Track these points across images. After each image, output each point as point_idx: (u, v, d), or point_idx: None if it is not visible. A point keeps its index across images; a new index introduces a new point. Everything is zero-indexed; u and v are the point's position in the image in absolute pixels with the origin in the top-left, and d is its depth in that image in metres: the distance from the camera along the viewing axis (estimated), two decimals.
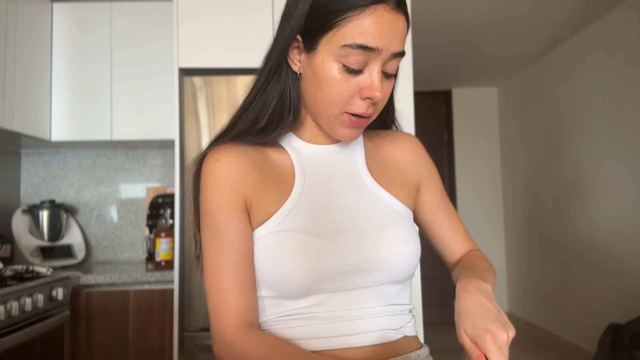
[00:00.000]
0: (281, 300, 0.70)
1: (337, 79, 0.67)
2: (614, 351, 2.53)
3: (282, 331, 0.70)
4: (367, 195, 0.76)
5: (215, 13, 2.11)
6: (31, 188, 2.66)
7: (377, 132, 0.87)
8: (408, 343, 0.75)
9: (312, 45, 0.69)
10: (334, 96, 0.68)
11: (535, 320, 3.99)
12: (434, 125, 4.67)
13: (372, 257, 0.70)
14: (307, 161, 0.77)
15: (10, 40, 2.06)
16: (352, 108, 0.69)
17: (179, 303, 2.01)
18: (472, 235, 4.83)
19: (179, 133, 2.08)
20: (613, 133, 2.97)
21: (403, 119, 0.91)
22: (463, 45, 3.47)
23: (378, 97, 0.67)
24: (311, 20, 0.68)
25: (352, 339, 0.69)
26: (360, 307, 0.71)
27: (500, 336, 0.59)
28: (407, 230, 0.75)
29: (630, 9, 2.78)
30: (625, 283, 2.86)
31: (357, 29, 0.64)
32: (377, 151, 0.83)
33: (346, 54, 0.65)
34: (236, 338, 0.66)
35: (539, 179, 3.88)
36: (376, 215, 0.74)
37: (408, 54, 2.02)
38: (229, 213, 0.70)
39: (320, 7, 0.66)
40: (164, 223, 2.40)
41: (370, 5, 0.64)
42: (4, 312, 1.55)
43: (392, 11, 0.65)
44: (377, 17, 0.64)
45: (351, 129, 0.71)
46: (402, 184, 0.81)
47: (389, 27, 0.65)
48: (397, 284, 0.74)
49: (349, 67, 0.66)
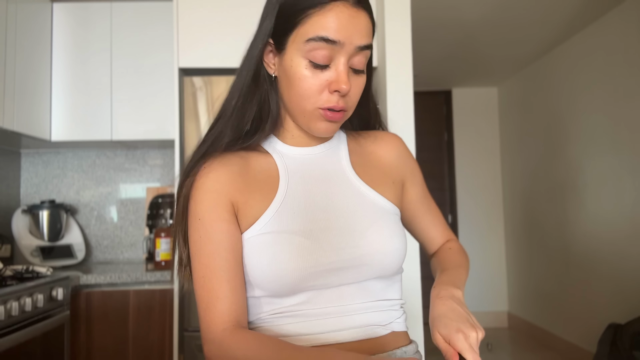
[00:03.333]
0: (272, 298, 0.72)
1: (305, 75, 0.71)
2: (614, 351, 2.53)
3: (273, 329, 0.72)
4: (352, 193, 0.78)
5: (215, 13, 2.11)
6: (31, 188, 2.66)
7: (360, 132, 0.89)
8: (396, 339, 0.76)
9: (281, 46, 0.73)
10: (303, 91, 0.71)
11: (535, 320, 3.99)
12: (434, 125, 4.67)
13: (356, 254, 0.72)
14: (291, 163, 0.79)
15: (10, 40, 2.06)
16: (323, 103, 0.72)
17: (179, 303, 2.01)
18: (472, 235, 4.82)
19: (179, 133, 2.08)
20: (613, 133, 2.97)
21: (402, 119, 0.91)
22: (463, 45, 3.47)
23: (345, 90, 0.70)
24: (279, 22, 0.73)
25: (340, 335, 0.71)
26: (347, 304, 0.73)
27: (470, 335, 0.64)
28: (392, 226, 0.77)
29: (630, 9, 2.78)
30: (625, 283, 2.86)
31: (319, 23, 0.68)
32: (362, 150, 0.86)
33: (311, 48, 0.69)
34: (225, 338, 0.67)
35: (539, 178, 3.88)
36: (361, 212, 0.76)
37: (408, 54, 2.02)
38: (218, 215, 0.72)
39: (287, 8, 0.71)
40: (164, 223, 2.40)
41: (329, 2, 0.68)
42: (4, 312, 1.55)
43: (352, 7, 0.69)
44: (337, 12, 0.68)
45: (326, 122, 0.74)
46: (387, 181, 0.83)
47: (350, 21, 0.69)
48: (383, 279, 0.76)
49: (315, 63, 0.70)
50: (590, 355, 3.14)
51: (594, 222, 3.17)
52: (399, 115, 1.88)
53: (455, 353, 0.63)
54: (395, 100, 1.91)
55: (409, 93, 2.01)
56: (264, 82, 0.77)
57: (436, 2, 2.75)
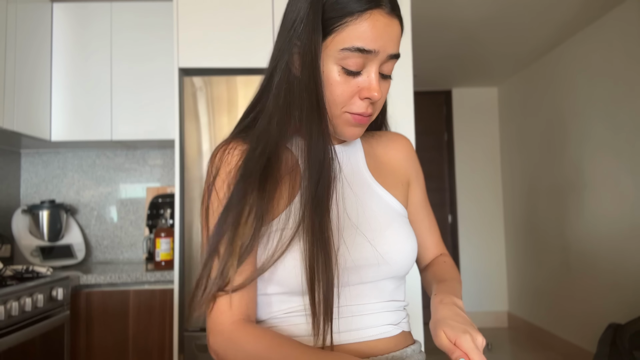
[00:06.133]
0: (288, 296, 0.72)
1: (337, 80, 0.70)
2: (614, 351, 2.53)
3: (287, 328, 0.72)
4: (370, 194, 0.79)
5: (215, 13, 2.11)
6: (31, 188, 2.66)
7: (371, 133, 0.90)
8: (405, 338, 0.78)
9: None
10: (335, 97, 0.71)
11: (535, 320, 3.99)
12: (434, 125, 4.67)
13: (374, 253, 0.73)
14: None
15: (10, 40, 2.06)
16: (353, 108, 0.72)
17: (179, 303, 2.01)
18: (472, 235, 4.81)
19: (179, 133, 2.08)
20: (613, 133, 2.97)
21: (402, 119, 0.92)
22: (463, 45, 3.47)
23: (376, 97, 0.70)
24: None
25: (357, 333, 0.72)
26: (363, 303, 0.73)
27: (477, 338, 0.64)
28: (406, 227, 0.79)
29: (630, 9, 2.78)
30: (625, 283, 2.86)
31: (355, 33, 0.68)
32: (374, 151, 0.86)
33: (345, 57, 0.69)
34: (234, 331, 0.67)
35: (539, 178, 3.88)
36: (378, 213, 0.77)
37: (408, 53, 2.02)
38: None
39: (323, 13, 0.70)
40: (164, 223, 2.40)
41: (366, 11, 0.67)
42: (4, 312, 1.55)
43: (387, 15, 0.69)
44: (374, 21, 0.68)
45: (354, 127, 0.74)
46: (397, 183, 0.85)
47: (385, 30, 0.68)
48: (395, 279, 0.77)
49: (348, 70, 0.70)
50: (590, 355, 3.14)
51: (594, 222, 3.17)
52: (399, 115, 1.89)
53: (464, 353, 0.63)
54: (395, 100, 1.91)
55: (409, 93, 2.01)
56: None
57: (436, 2, 2.75)
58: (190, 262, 2.04)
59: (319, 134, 0.70)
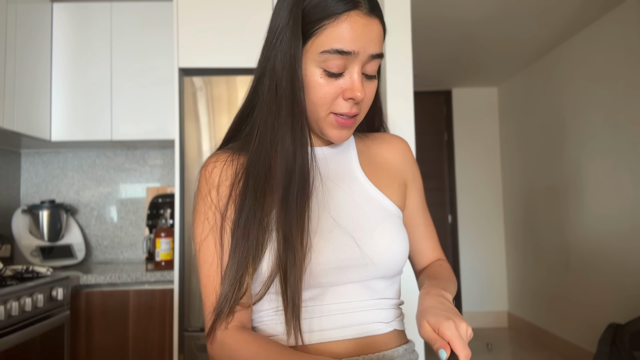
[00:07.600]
0: (276, 295, 0.73)
1: (320, 83, 0.71)
2: (614, 351, 2.53)
3: (278, 325, 0.73)
4: (361, 194, 0.79)
5: (215, 13, 2.11)
6: (31, 188, 2.66)
7: (367, 134, 0.90)
8: (398, 337, 0.78)
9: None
10: (318, 99, 0.72)
11: (535, 320, 3.99)
12: (434, 125, 4.67)
13: (363, 253, 0.73)
14: None
15: (10, 40, 2.06)
16: (337, 108, 0.73)
17: (179, 303, 2.01)
18: (472, 236, 4.82)
19: (179, 133, 2.08)
20: (613, 133, 2.97)
21: (402, 119, 0.92)
22: (463, 45, 3.47)
23: (359, 97, 0.71)
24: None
25: (343, 332, 0.72)
26: (352, 301, 0.74)
27: (460, 325, 0.61)
28: (397, 228, 0.78)
29: (630, 9, 2.78)
30: (625, 283, 2.86)
31: (333, 35, 0.69)
32: (369, 152, 0.87)
33: (325, 59, 0.70)
34: (226, 337, 0.69)
35: (539, 178, 3.88)
36: (369, 213, 0.77)
37: (408, 53, 2.02)
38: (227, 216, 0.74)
39: (301, 18, 0.71)
40: (164, 223, 2.40)
41: (343, 13, 0.68)
42: (4, 312, 1.55)
43: (366, 16, 0.69)
44: (351, 22, 0.68)
45: (339, 129, 0.75)
46: (393, 184, 0.84)
47: (363, 31, 0.69)
48: (386, 279, 0.77)
49: (329, 72, 0.71)
50: (590, 355, 3.14)
51: (594, 222, 3.17)
52: (399, 116, 1.89)
53: (446, 343, 0.59)
54: (395, 100, 1.91)
55: (409, 93, 2.01)
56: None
57: (436, 1, 2.75)
58: (190, 262, 2.04)
59: (292, 139, 0.72)
